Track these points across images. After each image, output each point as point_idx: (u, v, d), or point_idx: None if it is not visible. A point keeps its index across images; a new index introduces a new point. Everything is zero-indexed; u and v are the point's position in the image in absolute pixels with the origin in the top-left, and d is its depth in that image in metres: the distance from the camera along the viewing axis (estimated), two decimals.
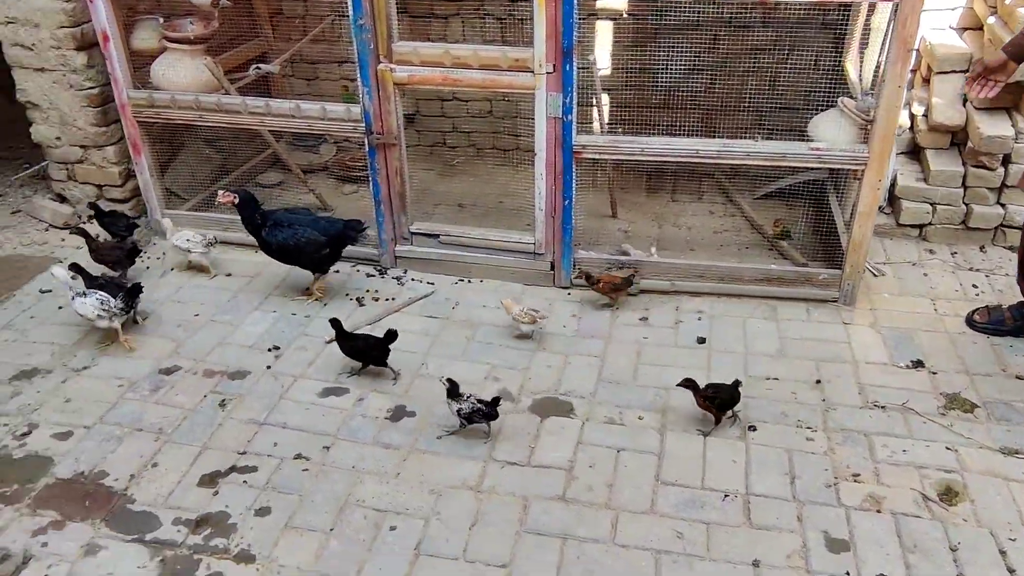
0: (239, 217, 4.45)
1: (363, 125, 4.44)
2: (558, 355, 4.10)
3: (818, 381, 3.87)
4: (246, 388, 3.86)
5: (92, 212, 4.98)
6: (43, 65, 4.88)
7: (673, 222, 5.31)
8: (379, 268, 4.85)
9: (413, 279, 4.75)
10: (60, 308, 4.48)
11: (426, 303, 4.52)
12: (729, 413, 3.59)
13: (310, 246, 4.34)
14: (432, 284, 4.69)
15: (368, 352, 3.90)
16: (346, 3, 4.11)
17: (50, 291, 4.65)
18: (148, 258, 4.98)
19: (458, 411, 3.50)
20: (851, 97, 4.32)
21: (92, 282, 4.15)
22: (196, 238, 4.72)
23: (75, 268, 4.19)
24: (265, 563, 2.96)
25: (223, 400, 3.78)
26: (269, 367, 4.01)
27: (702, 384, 3.57)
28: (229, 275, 4.77)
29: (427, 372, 3.97)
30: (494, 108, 5.94)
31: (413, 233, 4.76)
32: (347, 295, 4.62)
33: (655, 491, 3.25)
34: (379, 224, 4.72)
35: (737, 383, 3.57)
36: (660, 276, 4.54)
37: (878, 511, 3.15)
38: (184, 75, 4.72)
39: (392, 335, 3.86)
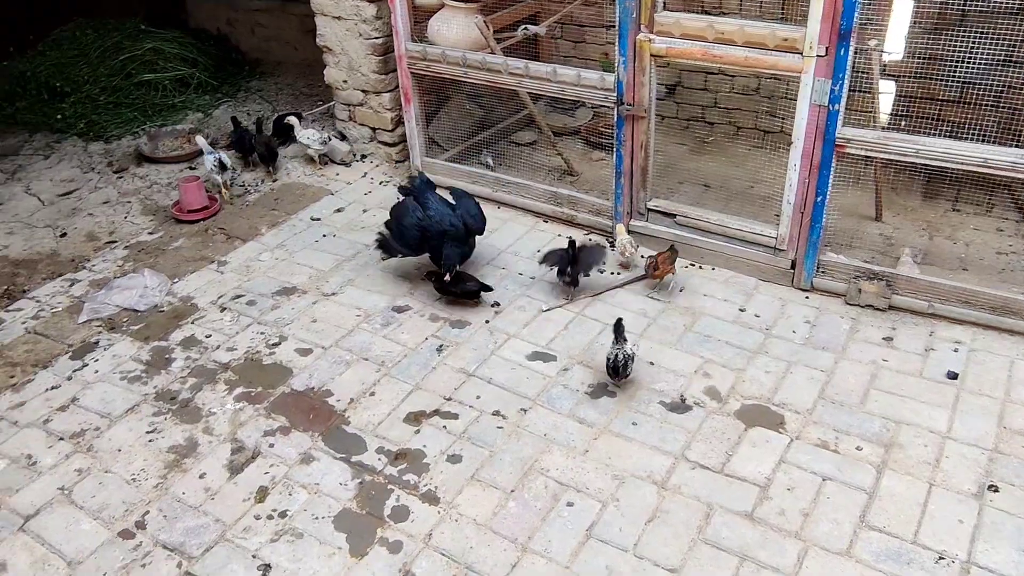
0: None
1: (615, 94, 4.37)
2: (780, 361, 3.82)
3: None
4: (463, 338, 4.05)
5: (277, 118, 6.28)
6: (340, 14, 5.37)
7: (948, 235, 4.67)
8: (610, 240, 4.81)
9: (642, 256, 4.65)
10: (324, 236, 5.00)
11: (650, 283, 4.42)
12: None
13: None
14: None
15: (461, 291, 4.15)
16: None
17: (319, 219, 5.20)
18: None
19: (608, 352, 3.62)
20: None
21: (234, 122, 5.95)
22: (315, 136, 5.68)
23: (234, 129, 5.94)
24: (447, 508, 3.13)
25: (441, 345, 4.00)
26: (487, 321, 4.17)
27: None
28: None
29: (636, 353, 3.89)
30: (761, 86, 5.56)
31: (649, 209, 4.65)
32: None
33: (856, 533, 2.95)
34: (616, 196, 4.66)
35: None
36: (916, 294, 4.03)
37: None
38: (456, 32, 4.95)
39: (485, 288, 4.18)
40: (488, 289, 4.24)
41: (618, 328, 3.60)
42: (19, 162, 6.23)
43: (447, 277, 4.10)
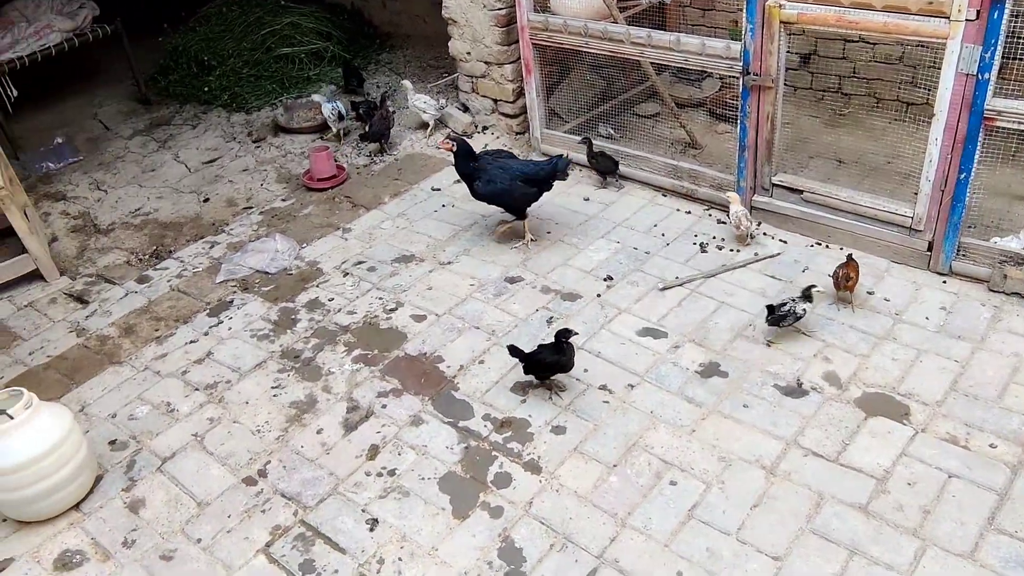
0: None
1: (740, 64, 4.20)
2: (909, 349, 3.60)
3: None
4: (574, 311, 4.05)
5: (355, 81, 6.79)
6: None
7: None
8: None
9: (764, 233, 4.48)
10: (443, 206, 5.10)
11: (771, 262, 4.25)
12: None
13: (518, 194, 4.48)
14: (784, 243, 4.39)
15: (538, 365, 3.53)
16: None
17: (439, 190, 5.30)
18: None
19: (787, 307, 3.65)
20: None
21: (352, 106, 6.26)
22: (430, 102, 5.87)
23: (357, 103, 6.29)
24: (548, 478, 3.16)
25: (551, 317, 4.02)
26: (599, 295, 4.14)
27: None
28: (587, 200, 4.97)
29: (752, 334, 3.77)
30: (906, 54, 5.18)
31: (774, 185, 4.45)
32: (695, 237, 4.52)
33: (982, 535, 2.75)
34: (739, 170, 4.50)
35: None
36: None
37: None
38: (579, 1, 4.88)
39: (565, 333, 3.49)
40: None
41: (807, 292, 3.70)
42: (170, 131, 6.70)
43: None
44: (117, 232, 5.35)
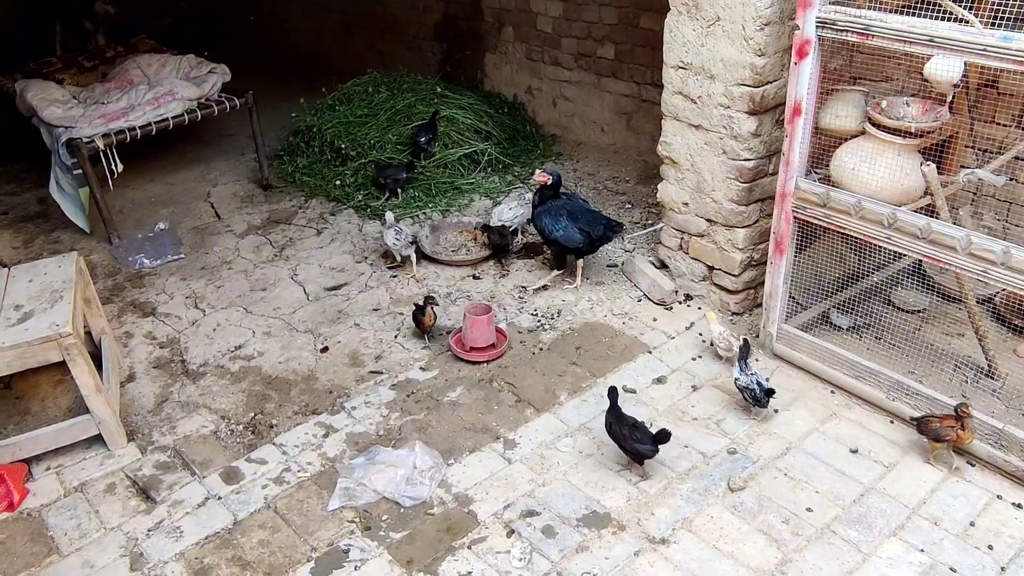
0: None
1: None
2: None
3: None
4: None
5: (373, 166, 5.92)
6: (701, 122, 4.08)
7: None
8: None
9: None
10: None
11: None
12: None
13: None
14: None
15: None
16: None
17: (634, 391, 3.91)
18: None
19: None
20: None
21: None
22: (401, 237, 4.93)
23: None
24: None
25: None
26: None
27: None
28: (855, 452, 3.47)
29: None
30: None
31: None
32: None
33: None
34: None
35: None
36: None
37: None
38: (883, 175, 3.45)
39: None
40: None
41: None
42: (290, 234, 5.56)
43: None
44: (208, 379, 4.15)
